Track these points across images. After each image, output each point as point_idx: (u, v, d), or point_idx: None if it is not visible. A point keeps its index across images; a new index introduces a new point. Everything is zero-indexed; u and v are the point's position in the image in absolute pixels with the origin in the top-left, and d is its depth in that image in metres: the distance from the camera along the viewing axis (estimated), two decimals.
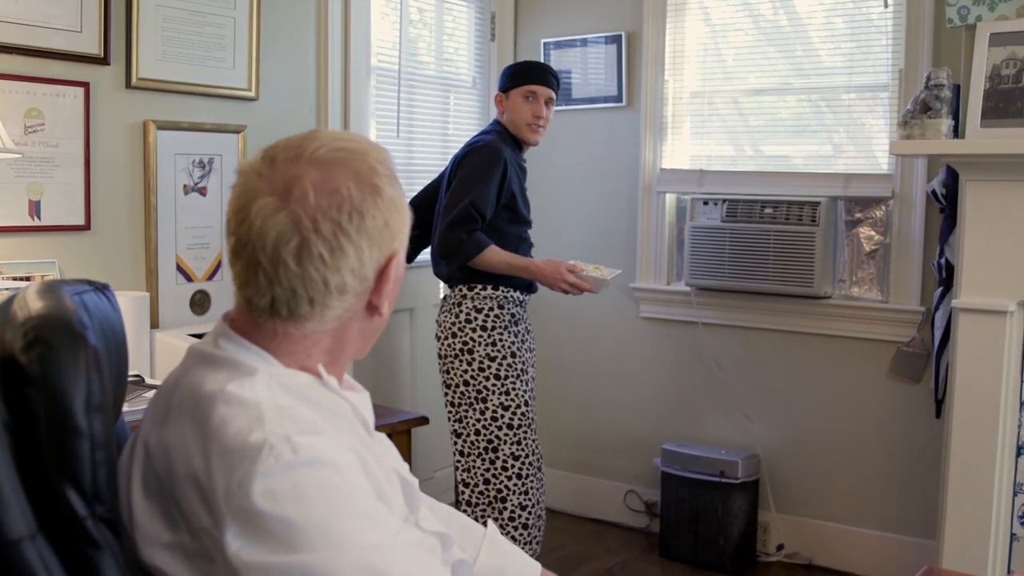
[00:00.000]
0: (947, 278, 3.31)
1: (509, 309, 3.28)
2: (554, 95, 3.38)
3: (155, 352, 2.97)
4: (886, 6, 3.66)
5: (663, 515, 3.98)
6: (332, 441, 1.13)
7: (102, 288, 1.38)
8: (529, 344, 3.38)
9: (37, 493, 1.12)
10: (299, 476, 1.08)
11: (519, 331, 3.31)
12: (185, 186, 3.18)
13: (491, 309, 3.25)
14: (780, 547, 3.94)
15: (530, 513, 3.25)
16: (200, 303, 3.22)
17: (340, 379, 1.29)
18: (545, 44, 4.39)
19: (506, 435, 3.22)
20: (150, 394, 2.45)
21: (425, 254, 3.50)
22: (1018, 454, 3.08)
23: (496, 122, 3.42)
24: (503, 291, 3.28)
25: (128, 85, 3.00)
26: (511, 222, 3.33)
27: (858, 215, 3.79)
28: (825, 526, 3.88)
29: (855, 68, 3.80)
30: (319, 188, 1.17)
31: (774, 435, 3.95)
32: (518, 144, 3.39)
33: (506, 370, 3.23)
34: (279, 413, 1.13)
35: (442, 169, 3.52)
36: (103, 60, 2.93)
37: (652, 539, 4.14)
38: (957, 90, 3.17)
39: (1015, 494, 3.06)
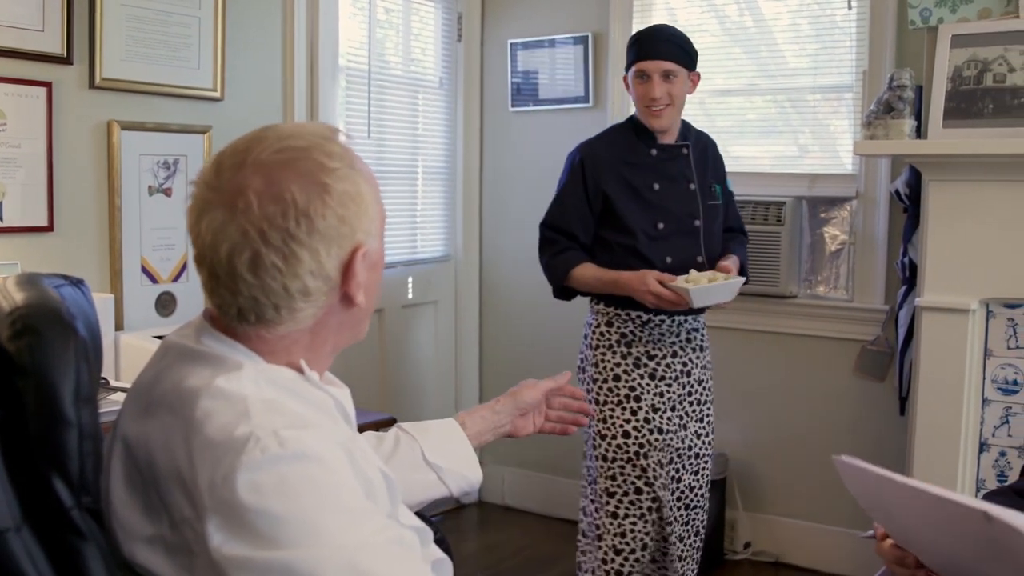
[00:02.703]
0: (911, 277, 3.35)
1: (619, 328, 2.90)
2: (675, 65, 2.84)
3: (120, 354, 2.94)
4: (849, 8, 3.69)
5: None
6: (320, 435, 1.12)
7: (77, 283, 1.37)
8: (659, 373, 2.90)
9: (24, 482, 1.11)
10: (285, 470, 1.07)
11: (631, 354, 2.89)
12: (150, 187, 3.15)
13: (599, 326, 2.94)
14: (747, 545, 3.97)
15: (625, 559, 2.90)
16: (166, 304, 3.20)
17: (322, 373, 1.28)
18: (512, 45, 4.40)
19: (600, 467, 2.90)
20: (115, 396, 2.44)
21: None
22: (980, 451, 3.12)
23: None
24: (613, 308, 2.91)
25: (92, 85, 2.97)
26: (615, 229, 2.90)
27: (823, 215, 3.82)
28: (792, 524, 3.91)
29: (820, 69, 3.83)
30: (263, 196, 1.14)
31: (741, 433, 3.97)
32: (651, 133, 2.92)
33: (606, 395, 2.89)
34: (266, 407, 1.12)
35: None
36: (66, 60, 2.90)
37: None
38: (920, 91, 3.21)
39: (978, 490, 3.10)
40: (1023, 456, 3.02)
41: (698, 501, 3.01)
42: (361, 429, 3.18)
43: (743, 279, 2.81)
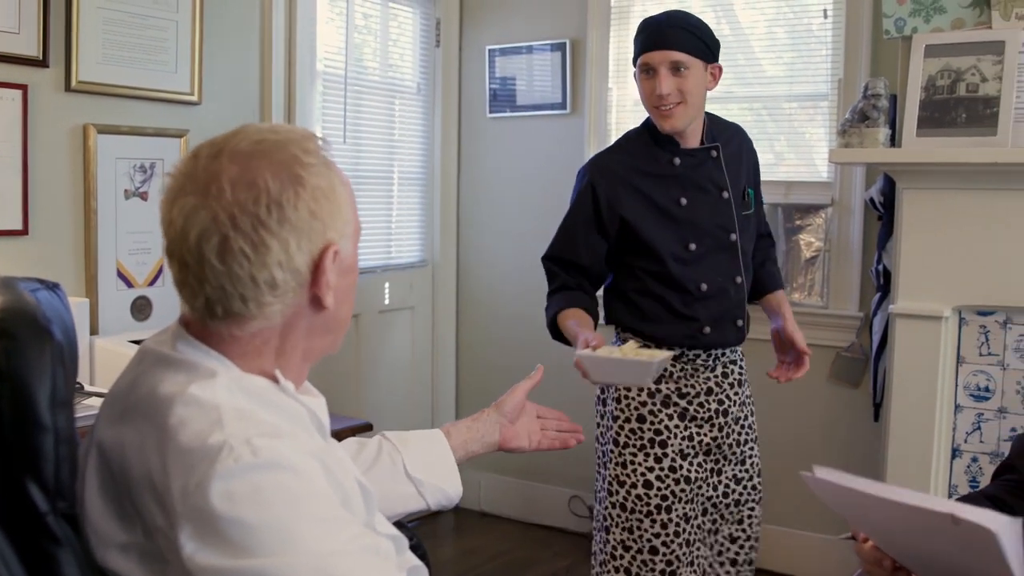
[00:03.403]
0: (885, 284, 3.37)
1: None
2: (685, 55, 2.39)
3: (95, 359, 2.93)
4: (825, 17, 3.72)
5: None
6: (293, 445, 1.12)
7: (53, 287, 1.37)
8: (691, 412, 2.51)
9: None
10: (258, 479, 1.06)
11: (660, 391, 2.50)
12: (126, 191, 3.14)
13: None
14: None
15: None
16: (141, 309, 3.18)
17: (299, 384, 1.28)
18: (490, 51, 4.40)
19: (617, 516, 2.53)
20: (90, 401, 2.42)
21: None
22: (953, 456, 3.15)
23: None
24: (642, 340, 2.49)
25: (68, 88, 2.95)
26: (639, 254, 2.50)
27: (799, 222, 3.84)
28: (767, 529, 3.92)
29: (796, 78, 3.85)
30: (236, 183, 1.14)
31: None
32: (671, 138, 2.50)
33: (627, 436, 2.52)
34: (239, 415, 1.11)
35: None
36: (42, 62, 2.88)
37: None
38: (894, 100, 3.23)
39: (950, 496, 3.12)
40: (995, 462, 3.04)
41: (744, 556, 2.63)
42: (337, 435, 3.17)
43: (666, 356, 2.23)
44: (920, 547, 1.46)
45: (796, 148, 3.90)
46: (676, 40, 2.40)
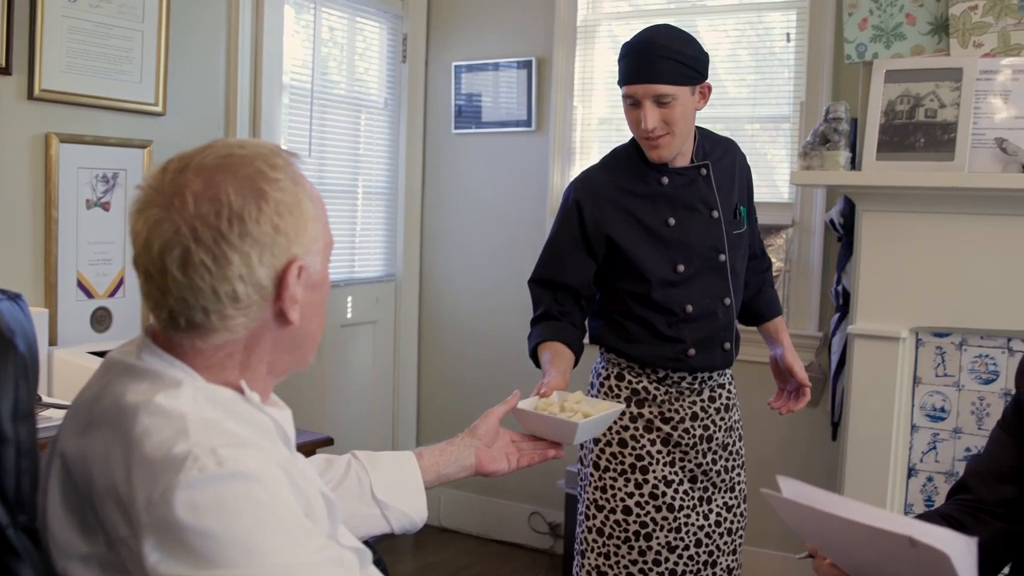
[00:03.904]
0: (844, 305, 3.41)
1: (632, 383, 2.45)
2: (671, 88, 2.27)
3: (54, 370, 2.89)
4: (788, 41, 3.77)
5: (567, 536, 4.01)
6: (259, 455, 1.12)
7: (15, 297, 1.35)
8: (674, 438, 2.43)
9: None
10: (223, 489, 1.06)
11: (643, 415, 2.43)
12: (88, 201, 3.11)
13: (608, 377, 2.48)
14: None
15: None
16: (101, 320, 3.15)
17: (265, 396, 1.27)
18: (456, 67, 4.42)
19: (593, 542, 2.45)
20: (48, 413, 2.40)
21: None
22: (909, 475, 3.19)
23: None
24: (626, 360, 2.46)
25: (31, 96, 2.93)
26: (626, 276, 2.42)
27: None
28: (748, 551, 3.94)
29: (759, 100, 3.90)
30: (199, 196, 1.15)
31: None
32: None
33: (608, 460, 2.43)
34: (205, 425, 1.11)
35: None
36: (4, 70, 2.85)
37: (556, 560, 4.16)
38: (855, 123, 3.28)
39: (906, 514, 3.16)
40: (950, 481, 3.08)
41: None
42: (298, 449, 3.16)
43: (607, 413, 2.00)
44: (878, 566, 1.49)
45: (758, 169, 3.91)
46: (660, 72, 2.27)
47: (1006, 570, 1.84)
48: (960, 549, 1.31)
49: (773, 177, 3.90)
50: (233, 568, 1.04)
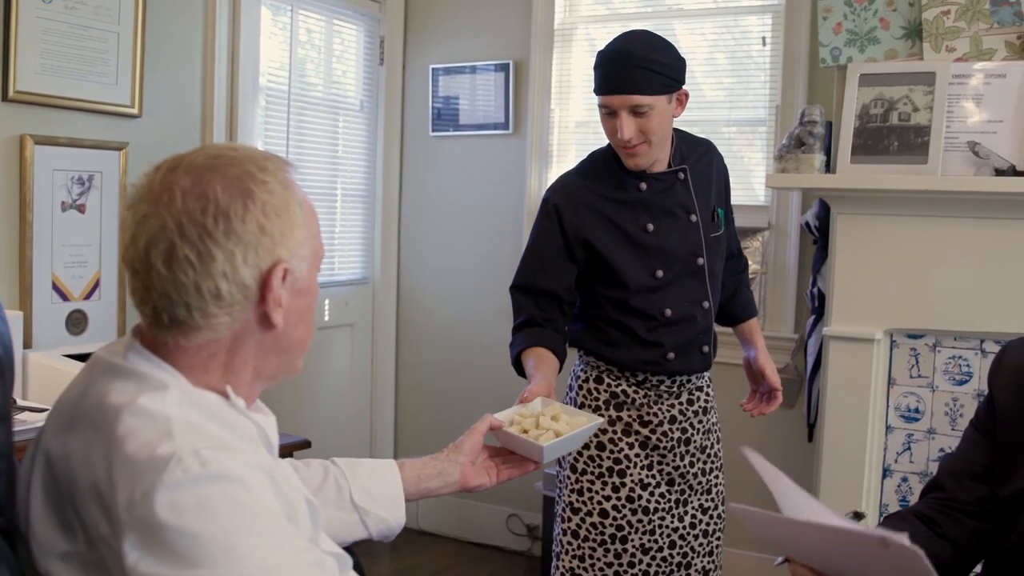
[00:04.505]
0: (819, 307, 3.43)
1: (611, 387, 2.46)
2: (647, 98, 2.25)
3: (28, 373, 2.88)
4: (764, 44, 3.80)
5: (545, 539, 4.02)
6: (242, 458, 1.12)
7: None
8: (652, 441, 2.45)
9: None
10: (205, 490, 1.07)
11: (621, 419, 2.44)
12: (63, 203, 3.09)
13: (587, 380, 2.49)
14: None
15: None
16: (77, 323, 3.14)
17: (250, 401, 1.27)
18: (434, 70, 4.42)
19: (568, 544, 2.46)
20: (23, 416, 2.38)
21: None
22: (884, 476, 3.21)
23: None
24: (604, 363, 2.47)
25: (5, 98, 2.91)
26: (604, 282, 2.42)
27: None
28: (730, 553, 3.95)
29: (735, 103, 3.92)
30: (188, 193, 1.16)
31: None
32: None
33: (585, 463, 2.45)
34: (189, 428, 1.12)
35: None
36: None
37: (534, 562, 4.16)
38: (829, 127, 3.31)
39: (880, 514, 3.18)
40: (924, 482, 3.11)
41: None
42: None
43: (584, 429, 1.93)
44: (856, 568, 1.50)
45: (734, 172, 3.91)
46: (636, 82, 2.25)
47: (978, 568, 1.86)
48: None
49: (749, 180, 3.92)
50: (213, 569, 1.05)
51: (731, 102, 3.93)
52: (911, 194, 3.05)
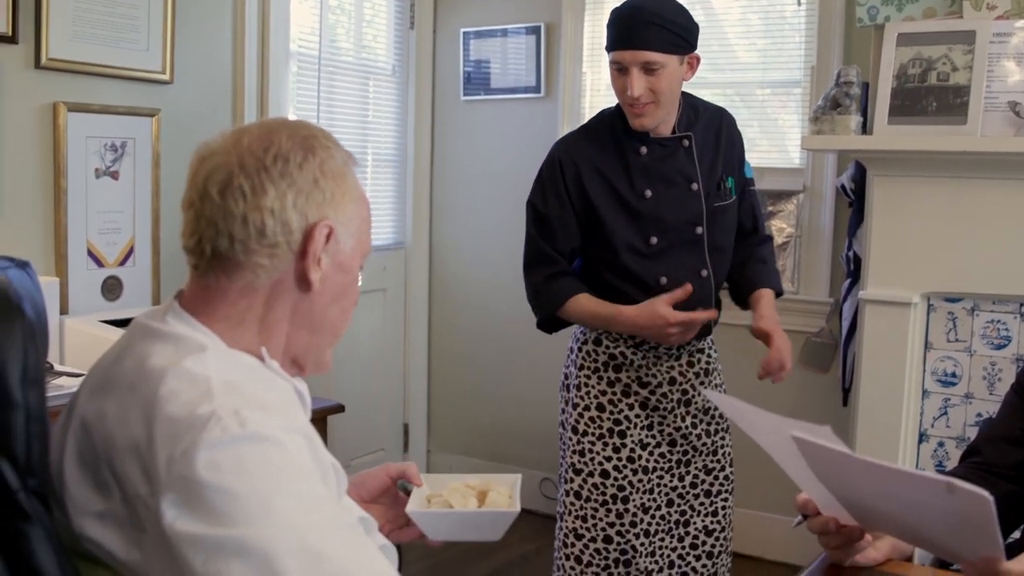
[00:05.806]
0: (855, 270, 3.40)
1: (608, 348, 2.48)
2: (659, 55, 2.27)
3: (65, 338, 2.91)
4: (799, 4, 3.74)
5: None
6: (281, 419, 1.14)
7: (23, 265, 1.36)
8: (652, 402, 2.47)
9: None
10: (244, 450, 1.08)
11: (620, 380, 2.47)
12: (97, 170, 3.11)
13: (585, 343, 2.51)
14: None
15: None
16: (112, 289, 3.16)
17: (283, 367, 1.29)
18: (465, 34, 4.39)
19: (571, 504, 2.49)
20: (59, 381, 2.41)
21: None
22: (920, 441, 3.19)
23: None
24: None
25: (38, 65, 2.92)
26: (597, 244, 2.44)
27: (771, 208, 3.87)
28: (737, 512, 3.96)
29: (769, 64, 3.87)
30: (256, 138, 1.23)
31: None
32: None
33: (586, 424, 2.48)
34: (228, 388, 1.13)
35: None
36: (11, 39, 2.84)
37: None
38: (866, 88, 3.26)
39: None
40: (960, 447, 3.09)
41: (720, 547, 2.57)
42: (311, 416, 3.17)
43: (510, 512, 1.77)
44: (908, 516, 1.46)
45: (768, 135, 3.92)
46: (648, 39, 2.26)
47: (1017, 533, 1.85)
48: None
49: (784, 142, 3.88)
50: (248, 527, 1.06)
51: (765, 64, 3.88)
52: (949, 155, 3.00)
